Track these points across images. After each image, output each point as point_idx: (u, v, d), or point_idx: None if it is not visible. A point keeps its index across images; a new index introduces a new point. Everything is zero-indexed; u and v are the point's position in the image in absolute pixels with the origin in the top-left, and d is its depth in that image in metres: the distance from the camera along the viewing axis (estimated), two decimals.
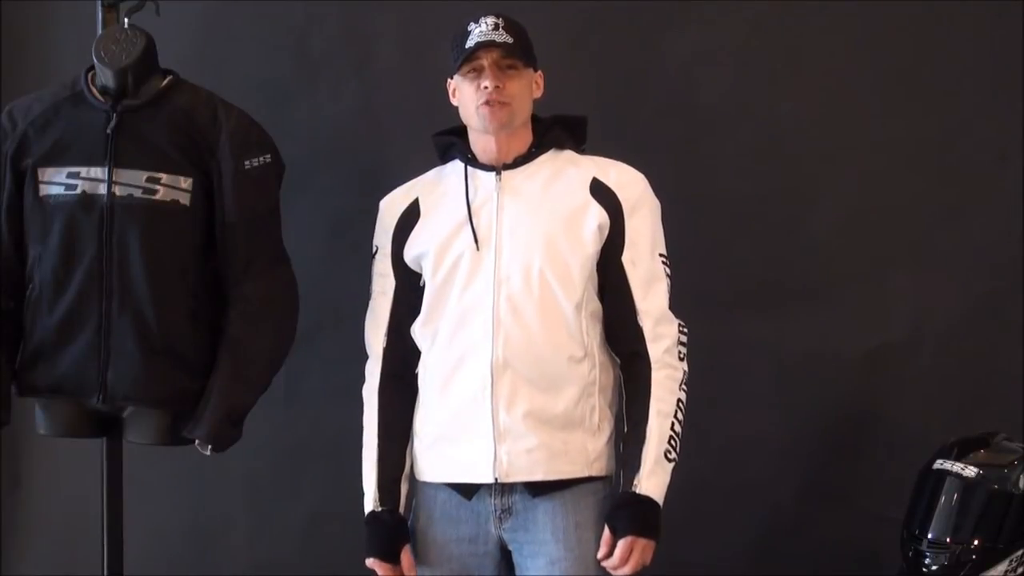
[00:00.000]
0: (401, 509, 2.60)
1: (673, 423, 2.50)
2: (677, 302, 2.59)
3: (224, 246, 2.76)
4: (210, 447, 2.73)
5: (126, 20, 2.82)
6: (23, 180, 2.73)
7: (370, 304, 2.68)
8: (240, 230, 2.75)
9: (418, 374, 2.61)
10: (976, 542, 2.72)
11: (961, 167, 3.27)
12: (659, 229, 2.61)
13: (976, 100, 3.25)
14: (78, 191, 2.70)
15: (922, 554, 2.76)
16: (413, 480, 2.62)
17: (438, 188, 2.64)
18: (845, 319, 3.28)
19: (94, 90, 2.75)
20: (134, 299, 2.69)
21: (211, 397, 2.73)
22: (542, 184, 2.57)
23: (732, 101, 3.33)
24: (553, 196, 2.56)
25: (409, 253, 2.61)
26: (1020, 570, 2.72)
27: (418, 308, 2.59)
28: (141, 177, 2.70)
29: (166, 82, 2.78)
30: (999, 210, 3.25)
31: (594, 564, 2.49)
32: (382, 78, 3.46)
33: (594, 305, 2.55)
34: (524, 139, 2.60)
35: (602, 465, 2.55)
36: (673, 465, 2.50)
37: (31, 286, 2.74)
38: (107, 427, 2.85)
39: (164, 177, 2.71)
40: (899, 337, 3.27)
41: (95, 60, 2.74)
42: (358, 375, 2.68)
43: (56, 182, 2.71)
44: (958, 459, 2.78)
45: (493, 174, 2.58)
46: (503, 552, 2.56)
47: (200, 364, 2.75)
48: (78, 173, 2.70)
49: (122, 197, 2.69)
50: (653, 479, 2.47)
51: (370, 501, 2.58)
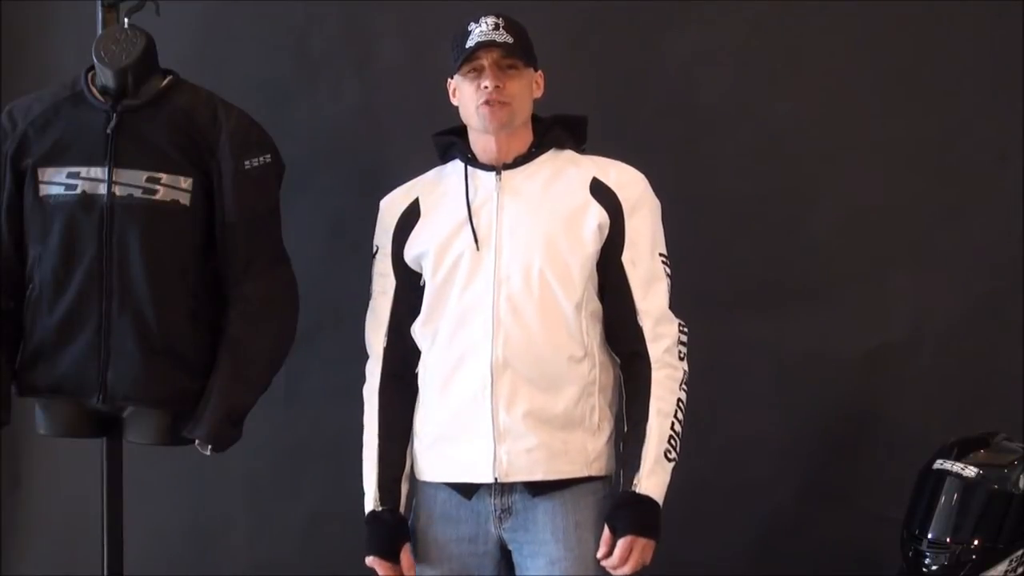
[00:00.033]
0: (401, 509, 2.60)
1: (673, 423, 2.50)
2: (677, 302, 2.59)
3: (224, 246, 2.76)
4: (210, 447, 2.73)
5: (126, 20, 2.82)
6: (23, 180, 2.73)
7: (370, 304, 2.68)
8: (240, 230, 2.75)
9: (418, 374, 2.61)
10: (976, 542, 2.72)
11: (961, 167, 3.27)
12: (659, 229, 2.61)
13: (976, 100, 3.25)
14: (78, 191, 2.70)
15: (922, 554, 2.76)
16: (413, 480, 2.62)
17: (438, 188, 2.64)
18: (845, 319, 3.28)
19: (94, 90, 2.75)
20: (134, 299, 2.69)
21: (211, 397, 2.73)
22: (542, 184, 2.57)
23: (732, 101, 3.33)
24: (553, 196, 2.56)
25: (409, 253, 2.61)
26: (1020, 570, 2.72)
27: (418, 308, 2.59)
28: (141, 177, 2.70)
29: (166, 82, 2.78)
30: (999, 210, 3.24)
31: (594, 564, 2.48)
32: (382, 78, 3.46)
33: (594, 305, 2.55)
34: (524, 139, 2.60)
35: (602, 465, 2.54)
36: (673, 465, 2.50)
37: (31, 286, 2.74)
38: (107, 427, 2.85)
39: (164, 177, 2.71)
40: (899, 337, 3.27)
41: (95, 60, 2.74)
42: (358, 375, 2.68)
43: (56, 182, 2.71)
44: (958, 459, 2.78)
45: (493, 174, 2.58)
46: (503, 552, 2.56)
47: (200, 364, 2.75)
48: (78, 173, 2.70)
49: (122, 197, 2.69)
50: (653, 479, 2.47)
51: (370, 501, 2.58)
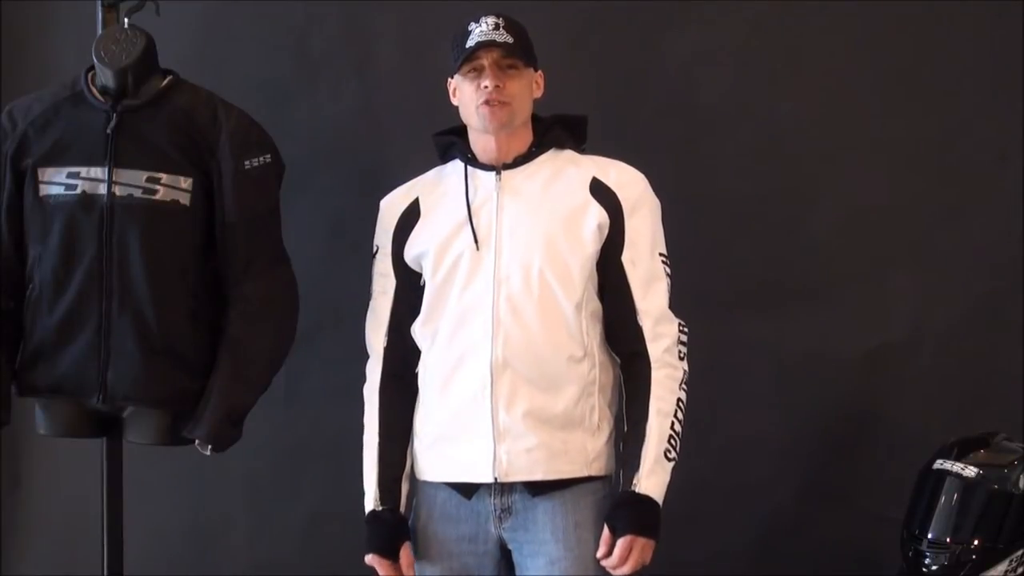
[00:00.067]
0: (402, 508, 2.60)
1: (673, 422, 2.50)
2: (677, 302, 2.58)
3: (224, 246, 2.76)
4: (210, 447, 2.73)
5: (126, 20, 2.82)
6: (23, 180, 2.73)
7: (371, 304, 2.68)
8: (240, 230, 2.75)
9: (418, 374, 2.61)
10: (976, 542, 2.72)
11: (961, 167, 3.27)
12: (659, 229, 2.60)
13: (976, 100, 3.25)
14: (78, 191, 2.70)
15: (922, 554, 2.76)
16: (413, 479, 2.62)
17: (438, 188, 2.64)
18: (845, 319, 3.28)
19: (94, 90, 2.75)
20: (134, 299, 2.69)
21: (211, 397, 2.73)
22: (542, 184, 2.57)
23: (732, 101, 3.33)
24: (553, 196, 2.56)
25: (409, 253, 2.61)
26: (1020, 570, 2.72)
27: (418, 308, 2.59)
28: (141, 177, 2.70)
29: (166, 82, 2.78)
30: (999, 210, 3.24)
31: (593, 564, 2.48)
32: (382, 78, 3.46)
33: (594, 305, 2.55)
34: (524, 139, 2.60)
35: (601, 465, 2.54)
36: (673, 464, 2.49)
37: (31, 286, 2.74)
38: (107, 427, 2.85)
39: (164, 177, 2.71)
40: (899, 337, 3.27)
41: (95, 60, 2.74)
42: (358, 375, 2.68)
43: (56, 182, 2.71)
44: (958, 459, 2.78)
45: (493, 174, 2.58)
46: (503, 551, 2.56)
47: (200, 364, 2.75)
48: (78, 173, 2.70)
49: (122, 197, 2.69)
50: (653, 478, 2.46)
51: (371, 500, 2.58)
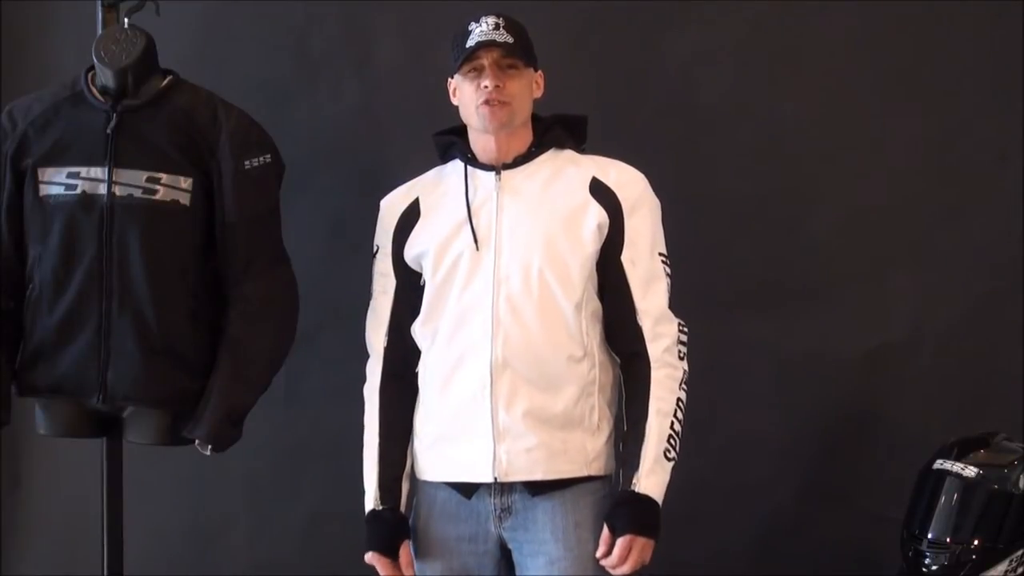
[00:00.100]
0: (402, 508, 2.60)
1: (673, 422, 2.50)
2: (677, 302, 2.58)
3: (224, 246, 2.76)
4: (210, 447, 2.73)
5: (126, 20, 2.82)
6: (23, 180, 2.73)
7: (371, 303, 2.68)
8: (240, 230, 2.75)
9: (418, 373, 2.61)
10: (976, 542, 2.72)
11: (961, 167, 3.27)
12: (659, 228, 2.60)
13: (976, 100, 3.25)
14: (78, 191, 2.70)
15: (922, 554, 2.76)
16: (414, 479, 2.62)
17: (438, 188, 2.64)
18: (845, 319, 3.28)
19: (94, 90, 2.75)
20: (134, 299, 2.69)
21: (211, 397, 2.73)
22: (542, 184, 2.57)
23: (732, 101, 3.33)
24: (553, 196, 2.56)
25: (409, 253, 2.61)
26: (1020, 570, 2.72)
27: (419, 307, 2.59)
28: (141, 177, 2.70)
29: (166, 82, 2.78)
30: (999, 210, 3.24)
31: (593, 564, 2.48)
32: (382, 78, 3.46)
33: (594, 305, 2.55)
34: (524, 139, 2.60)
35: (601, 464, 2.54)
36: (673, 464, 2.49)
37: (31, 286, 2.74)
38: (107, 427, 2.85)
39: (164, 177, 2.71)
40: (899, 337, 3.27)
41: (95, 60, 2.74)
42: (358, 375, 2.68)
43: (56, 182, 2.71)
44: (958, 459, 2.78)
45: (493, 174, 2.58)
46: (503, 551, 2.56)
47: (200, 364, 2.75)
48: (78, 173, 2.70)
49: (122, 197, 2.69)
50: (652, 478, 2.46)
51: (371, 500, 2.58)
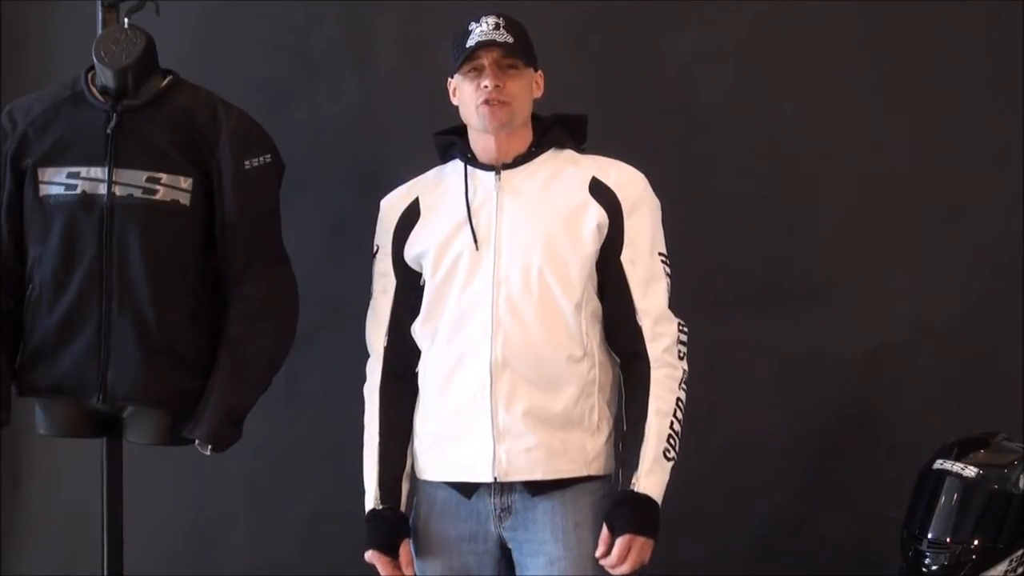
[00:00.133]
0: (402, 507, 2.60)
1: (672, 422, 2.50)
2: (677, 302, 2.58)
3: (224, 246, 2.76)
4: (210, 447, 2.73)
5: (126, 20, 2.82)
6: (23, 180, 2.73)
7: (371, 303, 2.68)
8: (240, 230, 2.75)
9: (418, 373, 2.61)
10: (976, 542, 2.72)
11: (961, 167, 3.27)
12: (659, 228, 2.60)
13: (976, 100, 3.25)
14: (78, 191, 2.70)
15: (922, 554, 2.76)
16: (414, 478, 2.62)
17: (438, 188, 2.64)
18: (845, 319, 3.28)
19: (94, 90, 2.75)
20: (134, 299, 2.69)
21: (211, 397, 2.73)
22: (541, 184, 2.57)
23: (732, 101, 3.33)
24: (552, 196, 2.56)
25: (409, 252, 2.61)
26: (1020, 570, 2.72)
27: (419, 307, 2.59)
28: (141, 177, 2.70)
29: (166, 82, 2.78)
30: (999, 210, 3.24)
31: (593, 563, 2.48)
32: (382, 78, 3.46)
33: (594, 304, 2.55)
34: (524, 139, 2.60)
35: (601, 464, 2.54)
36: (672, 464, 2.49)
37: (31, 286, 2.74)
38: (107, 427, 2.85)
39: (164, 177, 2.71)
40: (899, 337, 3.27)
41: (95, 60, 2.74)
42: (358, 375, 2.68)
43: (56, 182, 2.71)
44: (958, 459, 2.78)
45: (493, 174, 2.58)
46: (503, 551, 2.56)
47: (200, 364, 2.75)
48: (78, 173, 2.70)
49: (122, 197, 2.69)
50: (652, 477, 2.46)
51: (371, 499, 2.58)
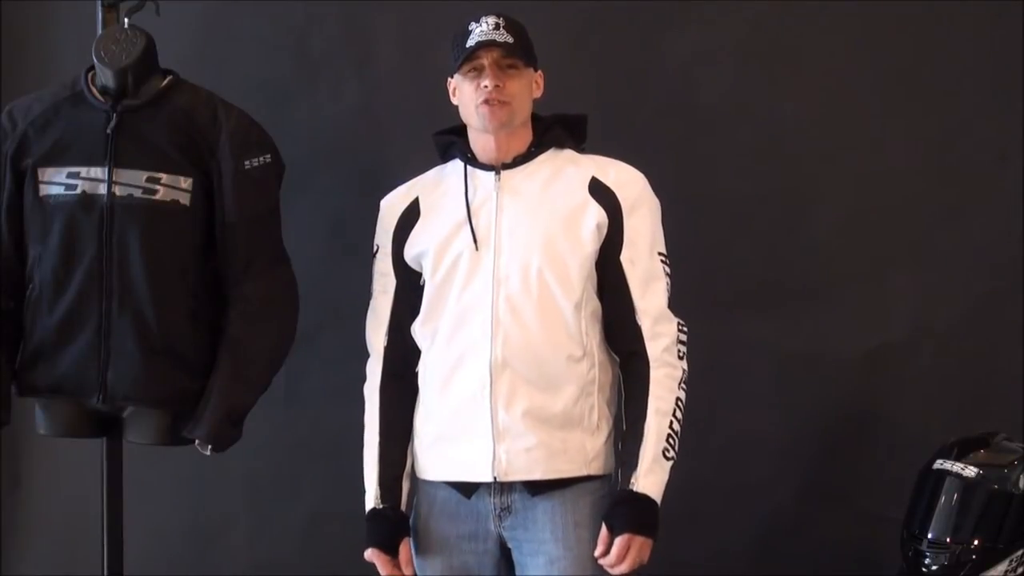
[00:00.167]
0: (403, 507, 2.60)
1: (672, 421, 2.50)
2: (677, 302, 2.58)
3: (224, 246, 2.76)
4: (210, 447, 2.73)
5: (126, 20, 2.82)
6: (23, 180, 2.73)
7: (371, 303, 2.68)
8: (240, 230, 2.75)
9: (418, 373, 2.61)
10: (976, 542, 2.72)
11: (961, 167, 3.27)
12: (658, 228, 2.60)
13: (976, 100, 3.25)
14: (78, 191, 2.70)
15: (922, 554, 2.76)
16: (414, 478, 2.62)
17: (438, 188, 2.64)
18: (845, 319, 3.28)
19: (94, 90, 2.75)
20: (134, 299, 2.69)
21: (211, 397, 2.73)
22: (541, 184, 2.57)
23: (732, 101, 3.33)
24: (552, 196, 2.56)
25: (409, 252, 2.61)
26: (1020, 570, 2.72)
27: (419, 307, 2.59)
28: (141, 177, 2.70)
29: (166, 82, 2.78)
30: (999, 210, 3.24)
31: (592, 563, 2.48)
32: (382, 78, 3.46)
33: (594, 304, 2.55)
34: (524, 138, 2.60)
35: (600, 464, 2.54)
36: (672, 464, 2.49)
37: (31, 286, 2.74)
38: (107, 427, 2.85)
39: (164, 177, 2.71)
40: (899, 337, 3.27)
41: (95, 60, 2.74)
42: (358, 375, 2.68)
43: (56, 182, 2.71)
44: (958, 459, 2.78)
45: (492, 174, 2.58)
46: (503, 550, 2.56)
47: (200, 364, 2.75)
48: (78, 173, 2.70)
49: (122, 197, 2.69)
50: (651, 477, 2.46)
51: (371, 499, 2.58)
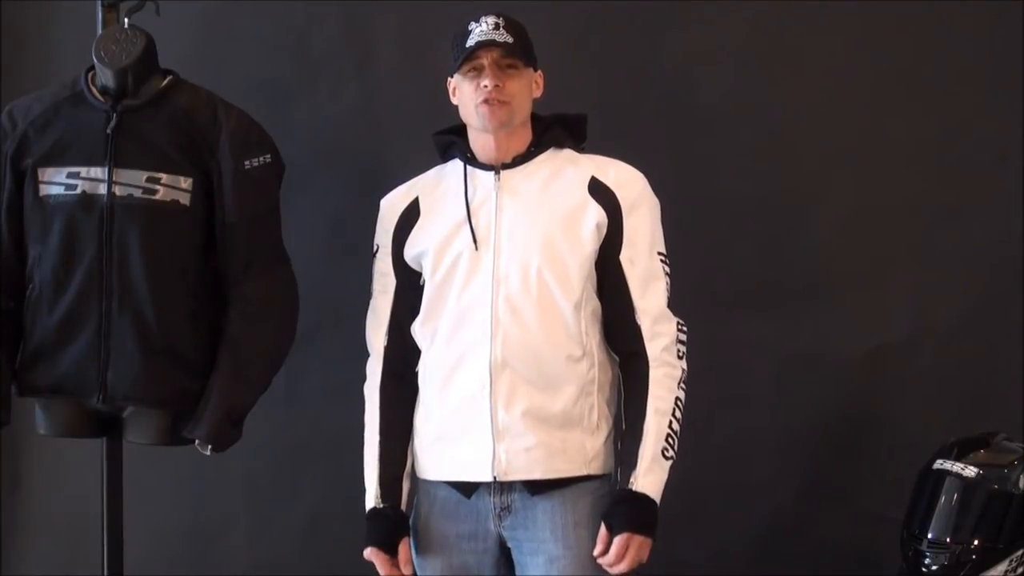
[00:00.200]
0: (403, 506, 2.60)
1: (671, 421, 2.50)
2: (677, 302, 2.58)
3: (224, 246, 2.76)
4: (210, 447, 2.73)
5: (126, 20, 2.82)
6: (23, 180, 2.73)
7: (371, 303, 2.68)
8: (240, 230, 2.75)
9: (418, 373, 2.61)
10: (976, 542, 2.72)
11: (961, 167, 3.27)
12: (658, 228, 2.60)
13: (976, 100, 3.25)
14: (78, 191, 2.70)
15: (922, 554, 2.76)
16: (414, 477, 2.63)
17: (438, 187, 2.64)
18: (845, 319, 3.28)
19: (94, 90, 2.75)
20: (134, 299, 2.69)
21: (211, 397, 2.73)
22: (541, 183, 2.57)
23: (732, 101, 3.33)
24: (552, 195, 2.56)
25: (409, 252, 2.61)
26: (1020, 570, 2.72)
27: (419, 307, 2.59)
28: (141, 177, 2.70)
29: (166, 82, 2.78)
30: (999, 210, 3.24)
31: (592, 563, 2.48)
32: (382, 78, 3.46)
33: (593, 304, 2.55)
34: (523, 138, 2.60)
35: (600, 464, 2.54)
36: (671, 463, 2.49)
37: (31, 286, 2.74)
38: (107, 427, 2.85)
39: (164, 177, 2.71)
40: (899, 337, 3.27)
41: (95, 60, 2.74)
42: (358, 375, 2.68)
43: (56, 182, 2.71)
44: (958, 459, 2.78)
45: (492, 173, 2.58)
46: (503, 549, 2.56)
47: (200, 364, 2.75)
48: (78, 173, 2.70)
49: (122, 197, 2.69)
50: (650, 476, 2.46)
51: (371, 498, 2.58)
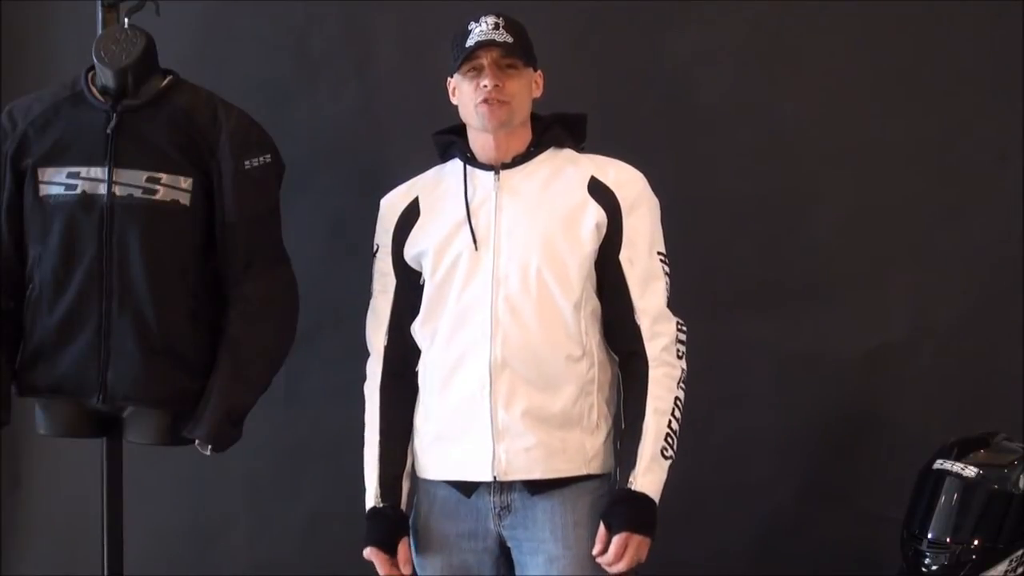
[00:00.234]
0: (403, 506, 2.60)
1: (670, 421, 2.50)
2: (677, 302, 2.58)
3: (224, 246, 2.76)
4: (210, 447, 2.73)
5: (126, 20, 2.82)
6: (23, 180, 2.73)
7: (371, 303, 2.68)
8: (240, 230, 2.75)
9: (418, 372, 2.61)
10: (976, 542, 2.72)
11: (961, 167, 3.27)
12: (658, 228, 2.60)
13: (976, 100, 3.25)
14: (78, 191, 2.70)
15: (922, 554, 2.76)
16: (414, 477, 2.63)
17: (438, 187, 2.64)
18: (845, 319, 3.28)
19: (94, 90, 2.75)
20: (134, 299, 2.69)
21: (211, 397, 2.73)
22: (540, 183, 2.57)
23: (732, 101, 3.33)
24: (551, 195, 2.56)
25: (409, 252, 2.61)
26: (1020, 570, 2.72)
27: (419, 307, 2.59)
28: (141, 177, 2.70)
29: (166, 82, 2.78)
30: (999, 210, 3.24)
31: (592, 563, 2.48)
32: (382, 78, 3.46)
33: (593, 304, 2.55)
34: (523, 138, 2.60)
35: (600, 463, 2.54)
36: (670, 463, 2.49)
37: (31, 286, 2.74)
38: (107, 427, 2.85)
39: (164, 177, 2.71)
40: (899, 337, 3.27)
41: (95, 60, 2.74)
42: (358, 375, 2.68)
43: (56, 182, 2.71)
44: (958, 459, 2.78)
45: (492, 173, 2.58)
46: (502, 549, 2.56)
47: (200, 364, 2.75)
48: (78, 173, 2.70)
49: (122, 197, 2.69)
50: (649, 476, 2.46)
51: (371, 498, 2.59)
